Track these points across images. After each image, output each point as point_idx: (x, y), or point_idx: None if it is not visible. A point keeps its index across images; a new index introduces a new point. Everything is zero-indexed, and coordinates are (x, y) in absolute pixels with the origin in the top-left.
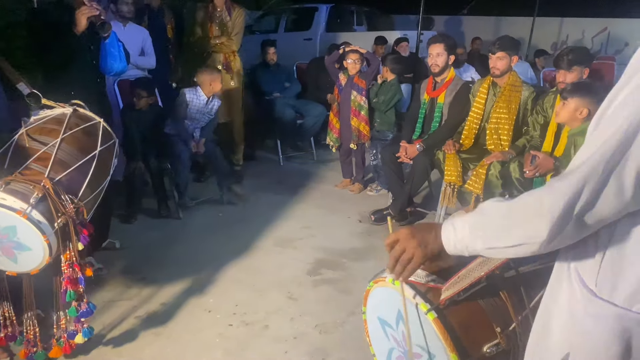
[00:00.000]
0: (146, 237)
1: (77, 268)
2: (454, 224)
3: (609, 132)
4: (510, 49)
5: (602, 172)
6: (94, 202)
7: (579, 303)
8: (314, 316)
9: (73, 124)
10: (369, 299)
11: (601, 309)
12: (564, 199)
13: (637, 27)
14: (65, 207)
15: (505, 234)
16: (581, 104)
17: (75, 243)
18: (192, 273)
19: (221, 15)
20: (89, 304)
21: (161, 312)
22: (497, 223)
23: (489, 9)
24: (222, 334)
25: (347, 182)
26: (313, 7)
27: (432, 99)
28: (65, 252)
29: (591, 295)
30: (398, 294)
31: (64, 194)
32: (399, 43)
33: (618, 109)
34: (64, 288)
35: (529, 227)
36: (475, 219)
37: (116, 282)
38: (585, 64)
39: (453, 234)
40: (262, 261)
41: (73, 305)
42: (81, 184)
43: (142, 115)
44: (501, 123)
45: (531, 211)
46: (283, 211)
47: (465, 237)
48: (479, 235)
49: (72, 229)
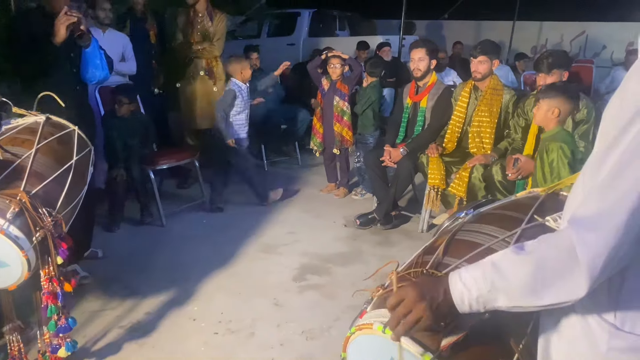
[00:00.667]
0: (129, 245)
1: (56, 283)
2: (464, 281)
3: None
4: (491, 53)
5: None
6: (72, 213)
7: (599, 339)
8: (300, 322)
9: (47, 133)
10: (349, 345)
11: (625, 341)
12: (605, 254)
13: (614, 30)
14: (43, 221)
15: (535, 294)
16: (552, 104)
17: (55, 257)
18: (176, 281)
19: (203, 21)
20: (68, 319)
21: (145, 321)
22: (523, 283)
23: (469, 13)
24: (208, 343)
25: (332, 187)
26: (295, 12)
27: (414, 103)
28: (45, 267)
29: (613, 328)
30: (390, 343)
31: (42, 207)
32: (381, 48)
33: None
34: (45, 303)
35: (565, 287)
36: (492, 276)
37: (99, 292)
38: (564, 67)
39: (467, 292)
40: (247, 268)
41: (53, 320)
42: (59, 196)
43: (123, 123)
44: (483, 126)
45: (565, 269)
46: (268, 217)
47: (482, 296)
48: (500, 295)
49: (50, 242)
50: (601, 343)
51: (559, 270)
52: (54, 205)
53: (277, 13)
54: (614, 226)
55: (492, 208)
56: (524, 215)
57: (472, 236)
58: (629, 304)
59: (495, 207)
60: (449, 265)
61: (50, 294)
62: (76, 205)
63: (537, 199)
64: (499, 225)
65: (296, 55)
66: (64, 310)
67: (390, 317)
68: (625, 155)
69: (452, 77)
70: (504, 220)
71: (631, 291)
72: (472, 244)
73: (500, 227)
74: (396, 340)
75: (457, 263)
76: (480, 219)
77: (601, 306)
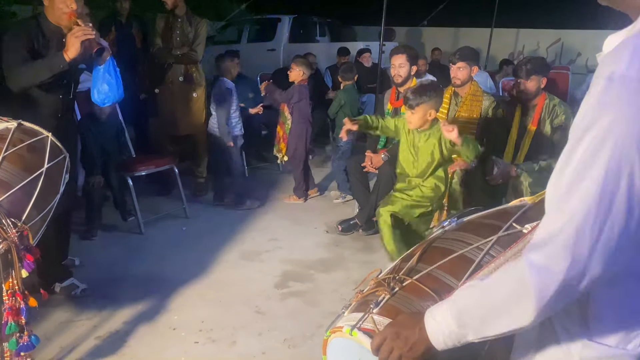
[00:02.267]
0: (107, 253)
1: (20, 297)
2: (436, 319)
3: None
4: (470, 59)
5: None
6: (41, 223)
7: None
8: (282, 330)
9: (17, 140)
10: (328, 348)
11: (596, 352)
12: (556, 280)
13: (589, 37)
14: (7, 232)
15: (492, 324)
16: (427, 108)
17: (19, 270)
18: (155, 289)
19: (182, 26)
20: (30, 337)
21: (123, 331)
22: (481, 315)
23: (448, 20)
24: (188, 352)
25: (313, 192)
26: (276, 18)
27: (395, 108)
28: (7, 281)
29: (586, 339)
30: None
31: (5, 217)
32: (361, 54)
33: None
34: (5, 320)
35: (514, 315)
36: (458, 313)
37: (75, 300)
38: (542, 73)
39: (439, 330)
40: (228, 275)
41: (14, 337)
42: (25, 206)
43: (101, 127)
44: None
45: (515, 297)
46: (248, 223)
47: (453, 332)
48: (468, 330)
49: (15, 255)
50: (574, 353)
51: (509, 298)
52: (20, 215)
53: (258, 19)
54: (560, 250)
55: (476, 217)
56: (504, 223)
57: (448, 244)
58: (599, 316)
59: (479, 216)
60: (421, 272)
61: (11, 309)
62: (46, 215)
63: (524, 207)
64: (476, 233)
65: (277, 61)
66: (28, 327)
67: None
68: (573, 175)
69: None
70: (482, 228)
71: (600, 303)
72: (446, 251)
73: (477, 234)
74: (355, 330)
75: (427, 270)
76: (462, 227)
77: (573, 318)
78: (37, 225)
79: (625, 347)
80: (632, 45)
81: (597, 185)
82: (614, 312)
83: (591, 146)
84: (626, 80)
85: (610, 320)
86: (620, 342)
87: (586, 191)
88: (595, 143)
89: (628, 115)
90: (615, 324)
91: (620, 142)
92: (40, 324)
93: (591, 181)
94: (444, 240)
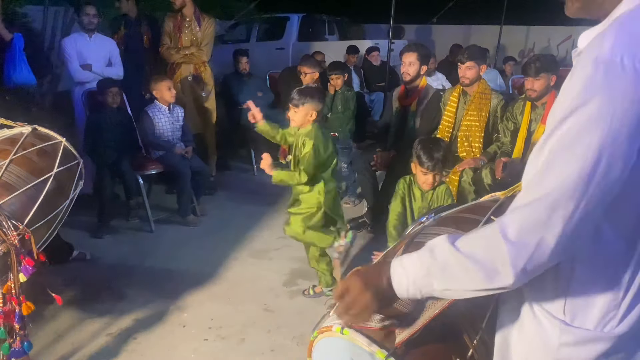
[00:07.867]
0: (117, 251)
1: (15, 302)
2: (404, 265)
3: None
4: (479, 58)
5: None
6: (47, 228)
7: (551, 335)
8: (291, 327)
9: (28, 143)
10: (314, 350)
11: (575, 336)
12: (529, 248)
13: None
14: (6, 235)
15: (467, 280)
16: (309, 109)
17: (17, 274)
18: (165, 287)
19: (190, 26)
20: (23, 343)
21: (134, 328)
22: (453, 268)
23: (457, 17)
24: (198, 349)
25: None
26: (284, 17)
27: (404, 107)
28: (5, 284)
29: (563, 324)
30: (349, 343)
31: (7, 220)
32: (370, 52)
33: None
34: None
35: (491, 274)
36: (428, 261)
37: (86, 298)
38: (552, 71)
39: (404, 276)
40: (237, 273)
41: (7, 342)
42: (29, 209)
43: (110, 119)
44: (472, 130)
45: (490, 258)
46: (257, 222)
47: (418, 279)
48: (434, 279)
49: (14, 258)
50: (553, 338)
51: (485, 258)
52: (22, 219)
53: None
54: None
55: (453, 212)
56: (482, 217)
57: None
58: (577, 300)
59: (456, 211)
60: None
61: (4, 313)
62: (53, 219)
63: (497, 201)
64: (456, 227)
65: (285, 60)
66: (21, 332)
67: (338, 307)
68: (553, 153)
69: (441, 81)
70: (461, 222)
71: (578, 287)
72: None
73: (456, 228)
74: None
75: None
76: (440, 222)
77: (551, 303)
78: (41, 230)
79: (603, 330)
80: (614, 30)
81: (577, 166)
82: (591, 294)
83: (574, 128)
84: (611, 65)
85: (588, 304)
86: (597, 325)
87: (565, 170)
88: (579, 125)
89: (614, 99)
90: (591, 307)
91: (604, 126)
92: (52, 322)
93: (572, 161)
94: (425, 235)
